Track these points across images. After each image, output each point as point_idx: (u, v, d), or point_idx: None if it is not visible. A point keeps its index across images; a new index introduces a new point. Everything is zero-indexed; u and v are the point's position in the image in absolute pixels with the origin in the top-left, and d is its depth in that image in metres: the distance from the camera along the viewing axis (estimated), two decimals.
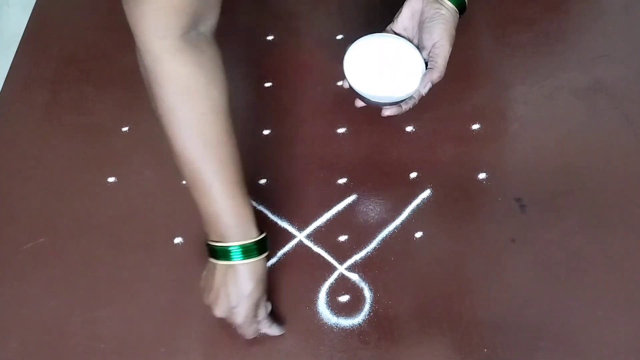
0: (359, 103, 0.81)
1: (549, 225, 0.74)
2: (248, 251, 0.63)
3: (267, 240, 0.67)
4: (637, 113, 0.83)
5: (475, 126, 0.83)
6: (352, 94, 0.80)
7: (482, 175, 0.79)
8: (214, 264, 0.65)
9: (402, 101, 0.77)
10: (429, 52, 0.76)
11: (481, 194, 0.78)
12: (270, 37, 0.96)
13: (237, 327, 0.66)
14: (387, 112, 0.78)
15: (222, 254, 0.63)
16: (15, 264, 0.76)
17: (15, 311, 0.73)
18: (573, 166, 0.79)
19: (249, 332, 0.67)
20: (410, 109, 0.78)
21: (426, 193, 0.78)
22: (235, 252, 0.63)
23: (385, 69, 0.77)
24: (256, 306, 0.65)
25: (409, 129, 0.84)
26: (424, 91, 0.75)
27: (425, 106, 0.84)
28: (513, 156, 0.81)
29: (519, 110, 0.85)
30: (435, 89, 0.79)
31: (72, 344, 0.70)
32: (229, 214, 0.63)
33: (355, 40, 0.79)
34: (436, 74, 0.75)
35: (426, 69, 0.76)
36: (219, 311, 0.65)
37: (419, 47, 0.78)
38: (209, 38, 0.65)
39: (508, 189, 0.77)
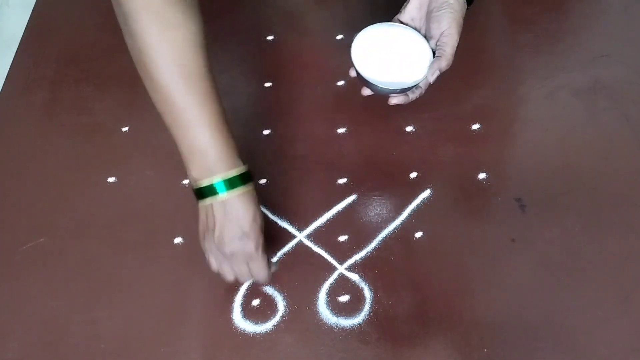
0: (366, 92, 0.80)
1: (548, 225, 0.74)
2: (243, 179, 0.64)
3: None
4: (637, 113, 0.83)
5: (475, 126, 0.83)
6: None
7: (482, 175, 0.79)
8: (208, 205, 0.64)
9: (409, 89, 0.76)
10: (437, 41, 0.76)
11: (481, 194, 0.78)
12: (270, 37, 0.96)
13: (250, 260, 0.65)
14: (394, 100, 0.77)
15: (218, 188, 0.62)
16: (15, 264, 0.76)
17: (15, 311, 0.73)
18: (573, 166, 0.79)
19: (263, 266, 0.66)
20: (416, 98, 0.78)
21: (426, 193, 0.78)
22: (233, 182, 0.63)
23: (393, 56, 0.76)
24: (263, 234, 0.65)
25: (409, 129, 0.84)
26: (432, 79, 0.75)
27: (425, 106, 0.85)
28: (513, 156, 0.81)
29: (519, 110, 0.85)
30: (435, 89, 0.79)
31: (72, 343, 0.70)
32: (218, 147, 0.63)
33: (362, 29, 0.79)
34: (444, 62, 0.74)
35: (434, 57, 0.76)
36: (230, 246, 0.64)
37: (427, 37, 0.78)
38: None
39: (508, 189, 0.77)
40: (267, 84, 0.91)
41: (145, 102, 0.90)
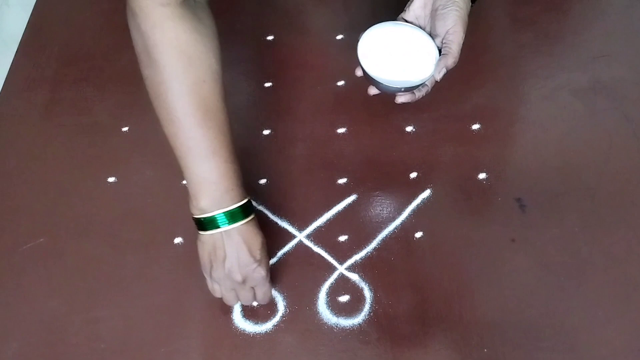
0: (373, 91, 0.79)
1: (549, 225, 0.74)
2: (249, 209, 0.66)
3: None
4: (637, 113, 0.83)
5: (475, 126, 0.83)
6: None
7: (482, 175, 0.79)
8: (217, 235, 0.64)
9: (415, 87, 0.76)
10: (442, 39, 0.76)
11: (481, 194, 0.78)
12: (270, 37, 0.96)
13: (260, 286, 0.67)
14: (401, 98, 0.76)
15: (226, 221, 0.64)
16: (15, 264, 0.76)
17: (15, 311, 0.73)
18: (573, 166, 0.79)
19: (268, 289, 0.69)
20: (422, 96, 0.77)
21: (426, 193, 0.78)
22: (242, 212, 0.64)
23: (399, 55, 0.76)
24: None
25: (409, 129, 0.84)
26: (439, 77, 0.74)
27: (425, 106, 0.84)
28: (513, 156, 0.81)
29: (519, 110, 0.85)
30: (435, 89, 0.79)
31: (72, 343, 0.70)
32: (229, 179, 0.64)
33: (366, 29, 0.79)
34: (451, 60, 0.73)
35: (440, 55, 0.76)
36: (238, 275, 0.65)
37: (432, 35, 0.78)
38: (205, 6, 0.66)
39: (508, 189, 0.77)
40: (267, 84, 0.91)
41: (145, 102, 0.90)
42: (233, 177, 0.65)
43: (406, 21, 0.79)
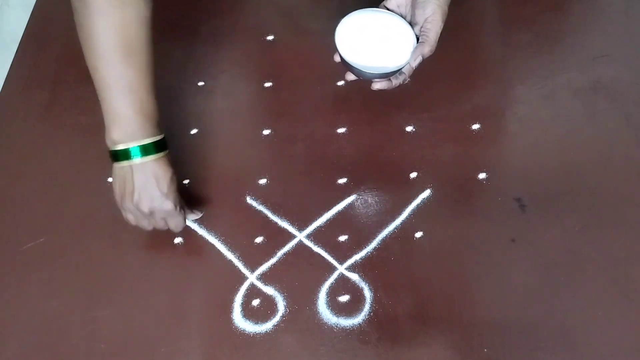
0: (350, 76, 0.80)
1: (549, 225, 0.74)
2: (159, 147, 0.70)
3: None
4: (637, 113, 0.83)
5: (475, 126, 0.83)
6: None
7: (482, 175, 0.79)
8: (126, 167, 0.69)
9: (392, 74, 0.76)
10: (421, 27, 0.76)
11: (481, 193, 0.78)
12: (270, 37, 0.96)
13: (171, 217, 0.72)
14: (377, 85, 0.77)
15: (134, 152, 0.68)
16: (15, 264, 0.76)
17: (15, 311, 0.73)
18: (573, 166, 0.79)
19: (180, 220, 0.73)
20: (400, 84, 0.78)
21: (426, 193, 0.78)
22: (153, 149, 0.69)
23: (377, 41, 0.76)
24: (178, 193, 0.72)
25: (409, 129, 0.84)
26: (415, 64, 0.75)
27: (425, 106, 0.85)
28: (513, 156, 0.81)
29: (519, 110, 0.85)
30: (435, 89, 0.80)
31: (72, 343, 0.70)
32: (142, 116, 0.69)
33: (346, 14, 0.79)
34: (427, 48, 0.75)
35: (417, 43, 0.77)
36: (150, 206, 0.69)
37: (411, 23, 0.78)
38: None
39: (508, 189, 0.77)
40: (267, 84, 0.91)
41: None
42: (147, 114, 0.69)
43: (388, 9, 0.79)
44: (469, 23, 0.77)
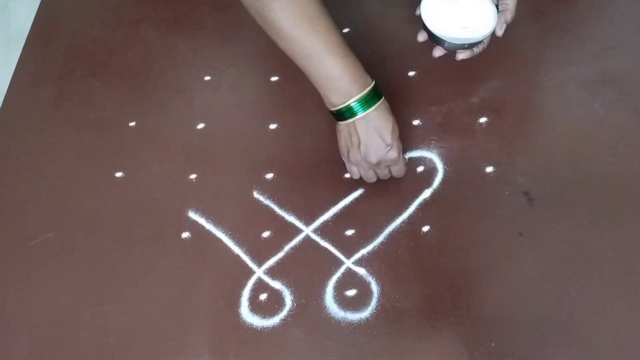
0: (438, 52, 0.81)
1: (556, 219, 0.74)
2: (377, 94, 0.71)
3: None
4: None
5: (483, 119, 0.83)
6: None
7: (489, 169, 0.78)
8: (350, 123, 0.71)
9: (478, 43, 0.79)
10: None
11: (488, 187, 0.77)
12: None
13: (394, 164, 0.75)
14: (461, 55, 0.80)
15: (356, 108, 0.70)
16: (23, 259, 0.77)
17: (24, 306, 0.73)
18: (581, 159, 0.78)
19: (402, 167, 0.76)
20: (479, 53, 0.80)
21: (433, 187, 0.78)
22: (370, 99, 0.70)
23: (460, 13, 0.78)
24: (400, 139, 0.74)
25: (415, 122, 0.84)
26: (501, 32, 0.78)
27: (431, 99, 0.84)
28: (521, 149, 0.80)
29: (526, 103, 0.85)
30: (442, 82, 0.79)
31: (80, 338, 0.71)
32: (350, 71, 0.69)
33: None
34: (509, 15, 0.77)
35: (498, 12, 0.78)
36: (377, 156, 0.72)
37: None
38: None
39: (516, 183, 0.77)
40: (274, 78, 0.91)
41: (153, 96, 0.91)
42: (352, 69, 0.70)
43: None
44: None
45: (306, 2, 0.68)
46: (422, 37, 0.81)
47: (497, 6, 0.78)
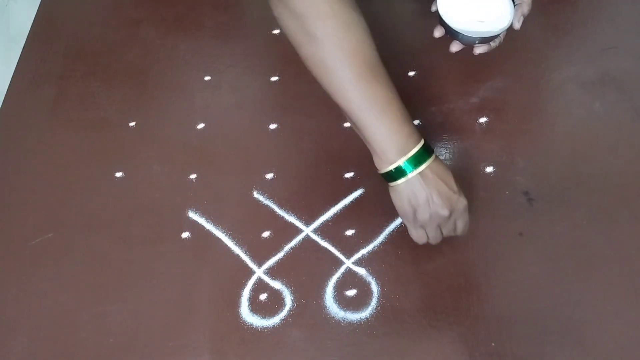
0: (455, 47, 0.81)
1: (556, 219, 0.74)
2: (430, 148, 0.66)
3: None
4: None
5: (483, 119, 0.83)
6: None
7: (489, 169, 0.79)
8: (414, 177, 0.65)
9: (495, 37, 0.79)
10: None
11: (488, 187, 0.77)
12: (276, 31, 0.96)
13: (462, 215, 0.68)
14: (478, 49, 0.80)
15: (417, 163, 0.64)
16: (23, 259, 0.76)
17: (24, 306, 0.73)
18: (581, 159, 0.78)
19: (468, 219, 0.69)
20: (496, 46, 0.80)
21: None
22: (426, 152, 0.65)
23: (476, 7, 0.78)
24: None
25: (415, 122, 0.84)
26: (519, 25, 0.78)
27: (432, 100, 0.84)
28: (521, 149, 0.80)
29: (526, 103, 0.84)
30: (442, 82, 0.79)
31: (80, 338, 0.70)
32: (408, 123, 0.65)
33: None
34: (526, 8, 0.77)
35: (514, 5, 0.79)
36: (445, 209, 0.65)
37: None
38: None
39: (516, 183, 0.77)
40: (274, 78, 0.91)
41: (153, 96, 0.91)
42: (409, 121, 0.65)
43: None
44: None
45: (369, 52, 0.65)
46: (438, 32, 0.80)
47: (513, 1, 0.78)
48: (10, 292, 0.74)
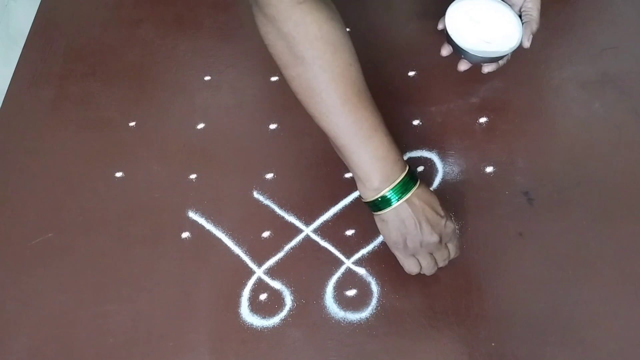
0: (463, 66, 0.81)
1: (556, 219, 0.74)
2: (415, 174, 0.66)
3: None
4: None
5: (483, 119, 0.83)
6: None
7: (489, 169, 0.79)
8: (401, 205, 0.64)
9: (504, 57, 0.79)
10: (521, 7, 0.79)
11: (488, 187, 0.77)
12: None
13: (452, 239, 0.67)
14: (487, 68, 0.80)
15: (403, 191, 0.63)
16: (24, 259, 0.76)
17: (24, 306, 0.73)
18: (581, 159, 0.78)
19: (458, 242, 0.69)
20: (504, 64, 0.81)
21: (433, 187, 0.78)
22: (411, 179, 0.64)
23: (484, 26, 0.79)
24: None
25: (415, 122, 0.84)
26: (528, 44, 0.78)
27: (431, 100, 0.84)
28: (521, 150, 0.80)
29: (526, 103, 0.85)
30: (442, 82, 0.79)
31: (80, 338, 0.70)
32: (393, 149, 0.64)
33: (445, 5, 0.80)
34: (535, 26, 0.77)
35: (521, 23, 0.79)
36: (435, 235, 0.65)
37: (508, 3, 0.80)
38: None
39: (515, 183, 0.77)
40: (274, 78, 0.91)
41: (153, 96, 0.91)
42: (395, 148, 0.65)
43: None
44: None
45: (356, 75, 0.63)
46: (445, 51, 0.80)
47: (520, 16, 0.78)
48: (10, 292, 0.74)
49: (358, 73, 0.64)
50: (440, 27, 0.79)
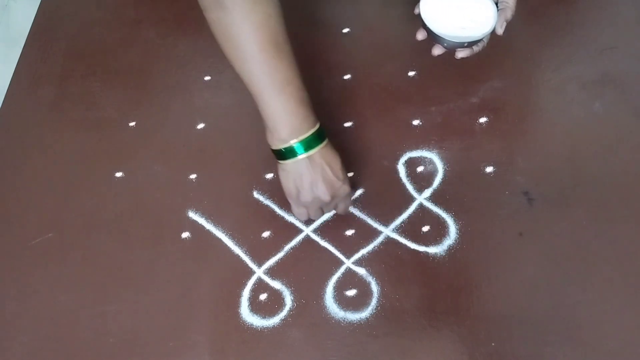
0: (437, 50, 0.81)
1: (556, 219, 0.74)
2: (323, 134, 0.68)
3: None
4: None
5: (483, 119, 0.83)
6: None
7: (489, 169, 0.79)
8: (303, 159, 0.66)
9: (478, 42, 0.78)
10: None
11: (488, 187, 0.77)
12: None
13: (343, 200, 0.72)
14: (460, 54, 0.79)
15: (307, 147, 0.66)
16: (24, 259, 0.77)
17: (24, 306, 0.73)
18: (581, 159, 0.78)
19: (350, 202, 0.74)
20: (479, 51, 0.79)
21: (433, 187, 0.78)
22: (318, 137, 0.67)
23: (459, 11, 0.78)
24: None
25: (415, 122, 0.84)
26: (502, 30, 0.77)
27: (431, 100, 0.84)
28: (521, 149, 0.80)
29: (526, 103, 0.85)
30: (442, 82, 0.79)
31: (80, 338, 0.70)
32: (305, 105, 0.67)
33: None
34: (509, 12, 0.77)
35: (497, 9, 0.78)
36: (327, 195, 0.68)
37: None
38: None
39: (515, 183, 0.77)
40: None
41: (153, 96, 0.91)
42: (307, 104, 0.67)
43: None
44: None
45: (276, 27, 0.65)
46: (421, 35, 0.80)
47: (497, 4, 0.78)
48: (10, 292, 0.74)
49: (278, 25, 0.65)
50: (416, 11, 0.79)
